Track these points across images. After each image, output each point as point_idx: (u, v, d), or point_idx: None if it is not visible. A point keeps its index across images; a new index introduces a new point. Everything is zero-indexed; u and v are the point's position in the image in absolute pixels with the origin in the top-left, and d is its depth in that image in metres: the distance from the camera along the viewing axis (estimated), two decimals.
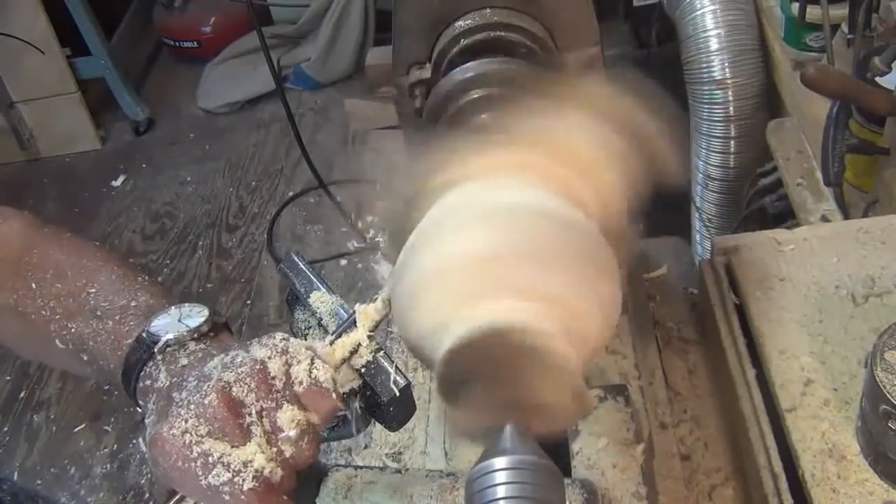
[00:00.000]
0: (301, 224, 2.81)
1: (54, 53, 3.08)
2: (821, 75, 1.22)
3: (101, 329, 0.67)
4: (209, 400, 0.54)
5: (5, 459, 2.23)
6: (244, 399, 0.55)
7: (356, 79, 3.29)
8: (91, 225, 2.96)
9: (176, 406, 0.55)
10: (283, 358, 0.57)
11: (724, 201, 1.84)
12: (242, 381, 0.55)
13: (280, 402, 0.56)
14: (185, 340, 0.63)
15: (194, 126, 3.36)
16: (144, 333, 0.63)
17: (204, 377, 0.56)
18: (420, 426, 1.01)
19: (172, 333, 0.62)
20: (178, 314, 0.64)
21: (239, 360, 0.56)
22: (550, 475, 0.52)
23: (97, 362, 0.67)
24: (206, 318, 0.64)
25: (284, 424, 0.55)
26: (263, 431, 0.55)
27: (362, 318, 0.61)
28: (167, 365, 0.61)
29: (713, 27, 1.72)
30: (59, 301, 0.69)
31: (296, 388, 0.57)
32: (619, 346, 0.99)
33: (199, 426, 0.54)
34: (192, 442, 0.53)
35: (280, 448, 0.55)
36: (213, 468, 0.53)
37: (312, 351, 0.59)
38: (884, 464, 0.75)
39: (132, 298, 0.68)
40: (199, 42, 3.56)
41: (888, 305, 0.90)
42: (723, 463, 0.93)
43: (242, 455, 0.54)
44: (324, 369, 0.58)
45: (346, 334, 0.61)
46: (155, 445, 0.54)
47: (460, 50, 0.95)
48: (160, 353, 0.62)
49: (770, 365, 0.87)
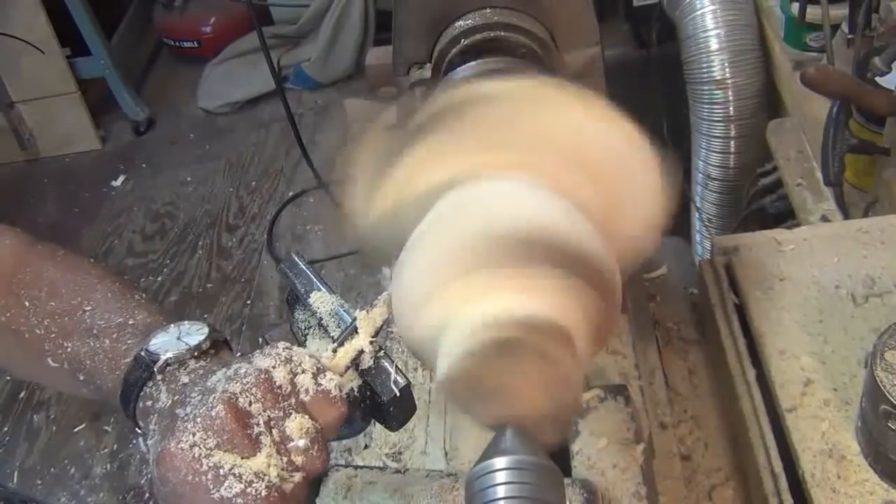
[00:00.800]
0: (301, 224, 2.81)
1: (54, 53, 3.08)
2: (821, 75, 1.22)
3: (97, 348, 0.65)
4: (216, 412, 0.53)
5: (5, 459, 2.23)
6: (251, 409, 0.54)
7: (356, 79, 3.29)
8: (91, 225, 2.96)
9: (181, 421, 0.54)
10: (287, 367, 0.57)
11: (724, 201, 1.84)
12: (248, 392, 0.54)
13: (287, 410, 0.55)
14: (186, 359, 0.61)
15: (194, 126, 3.36)
16: (143, 352, 0.62)
17: (208, 391, 0.55)
18: (420, 426, 1.01)
19: (172, 352, 0.61)
20: (177, 332, 0.63)
21: (243, 372, 0.56)
22: (550, 475, 0.52)
23: (94, 382, 0.66)
24: (207, 335, 0.63)
25: (293, 433, 0.55)
26: (273, 441, 0.54)
27: (364, 325, 0.61)
28: (167, 384, 0.60)
29: (713, 27, 1.72)
30: (53, 320, 0.68)
31: (302, 397, 0.56)
32: (619, 346, 0.99)
33: (207, 439, 0.53)
34: (201, 455, 0.52)
35: (291, 458, 0.55)
36: (224, 480, 0.52)
37: (316, 359, 0.58)
38: (884, 464, 0.75)
39: (129, 316, 0.67)
40: (199, 42, 3.56)
41: (888, 305, 0.90)
42: (723, 463, 0.93)
43: (254, 466, 0.53)
44: (329, 377, 0.58)
45: (348, 341, 0.61)
46: (163, 462, 0.53)
47: (460, 50, 0.95)
48: (160, 372, 0.61)
49: (770, 365, 0.87)
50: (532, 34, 0.94)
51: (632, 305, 1.06)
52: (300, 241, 2.74)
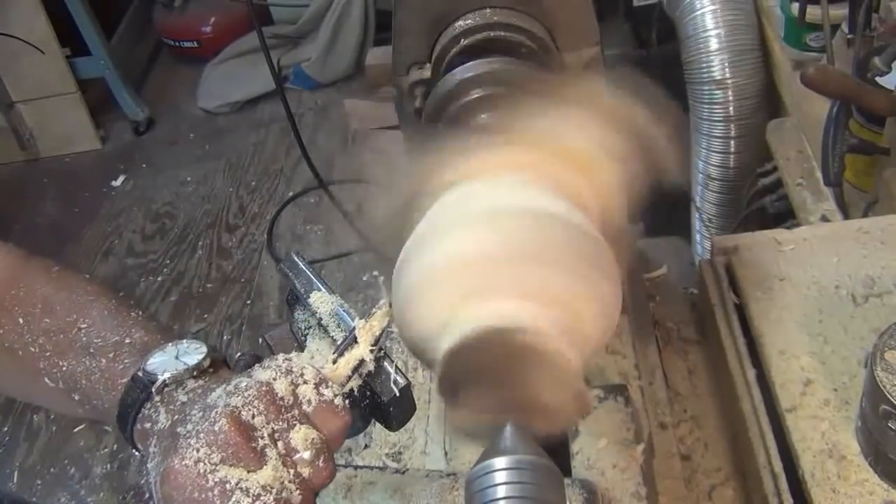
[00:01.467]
0: (301, 224, 2.81)
1: (54, 53, 3.08)
2: (821, 75, 1.22)
3: (93, 367, 0.64)
4: (219, 426, 0.52)
5: (5, 459, 2.23)
6: (254, 422, 0.54)
7: (356, 79, 3.29)
8: (91, 225, 2.96)
9: (184, 438, 0.53)
10: (288, 378, 0.56)
11: (724, 201, 1.84)
12: (251, 405, 0.54)
13: (291, 422, 0.55)
14: (184, 379, 0.60)
15: (194, 126, 3.36)
16: (140, 372, 0.61)
17: (209, 406, 0.54)
18: (420, 426, 1.01)
19: (170, 372, 0.60)
20: (174, 351, 0.62)
21: (244, 385, 0.55)
22: (550, 475, 0.52)
23: (90, 402, 0.65)
24: (205, 354, 0.62)
25: (298, 445, 0.54)
26: (278, 454, 0.53)
27: (363, 334, 0.61)
28: (166, 405, 0.59)
29: (713, 27, 1.71)
30: (48, 337, 0.66)
31: (305, 408, 0.56)
32: (619, 346, 0.99)
33: (211, 454, 0.52)
34: (206, 471, 0.51)
35: (297, 469, 0.54)
36: (231, 495, 0.51)
37: (317, 370, 0.58)
38: (884, 464, 0.75)
39: (126, 335, 0.66)
40: (199, 42, 3.56)
41: (888, 305, 0.90)
42: (723, 463, 0.93)
43: (260, 479, 0.52)
44: (331, 387, 0.57)
45: (348, 351, 0.60)
46: (167, 481, 0.52)
47: (460, 50, 0.95)
48: (158, 392, 0.60)
49: (770, 365, 0.87)
50: (532, 34, 0.94)
51: (632, 305, 1.06)
52: (300, 241, 2.74)
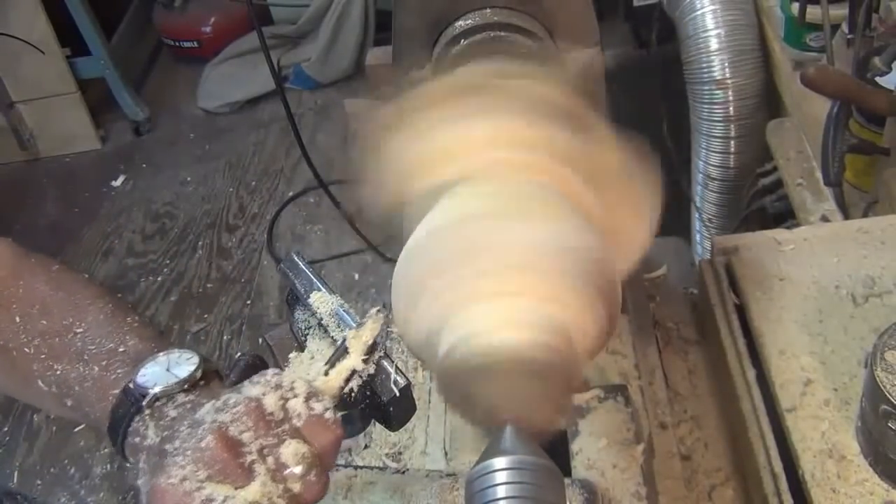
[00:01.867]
0: (301, 224, 2.81)
1: (54, 53, 3.08)
2: (821, 75, 1.22)
3: (86, 374, 0.64)
4: (206, 443, 0.52)
5: (5, 459, 2.23)
6: (242, 438, 0.53)
7: (356, 79, 3.29)
8: (91, 225, 2.96)
9: (171, 456, 0.53)
10: (277, 392, 0.56)
11: (724, 201, 1.84)
12: (239, 421, 0.53)
13: (281, 437, 0.54)
14: (174, 392, 0.60)
15: (194, 126, 3.36)
16: (131, 385, 0.60)
17: (196, 423, 0.54)
18: (420, 426, 1.01)
19: (161, 385, 0.60)
20: (166, 362, 0.61)
21: (232, 402, 0.55)
22: (550, 475, 0.52)
23: (81, 409, 0.65)
24: (197, 365, 0.62)
25: (288, 460, 0.54)
26: (267, 469, 0.53)
27: (354, 345, 0.60)
28: (155, 420, 0.59)
29: (713, 27, 1.71)
30: (44, 339, 0.66)
31: (295, 422, 0.55)
32: (619, 346, 0.99)
33: (197, 471, 0.52)
34: (192, 489, 0.51)
35: (287, 485, 0.53)
36: None
37: (307, 383, 0.57)
38: (884, 464, 0.75)
39: (120, 342, 0.65)
40: (199, 42, 3.56)
41: (888, 305, 0.90)
42: (723, 463, 0.93)
43: (248, 495, 0.52)
44: (322, 401, 0.57)
45: (340, 362, 0.60)
46: (154, 499, 0.52)
47: (460, 50, 0.95)
48: (148, 406, 0.59)
49: (770, 365, 0.87)
50: (532, 34, 0.94)
51: (632, 305, 1.06)
52: (300, 241, 2.73)
